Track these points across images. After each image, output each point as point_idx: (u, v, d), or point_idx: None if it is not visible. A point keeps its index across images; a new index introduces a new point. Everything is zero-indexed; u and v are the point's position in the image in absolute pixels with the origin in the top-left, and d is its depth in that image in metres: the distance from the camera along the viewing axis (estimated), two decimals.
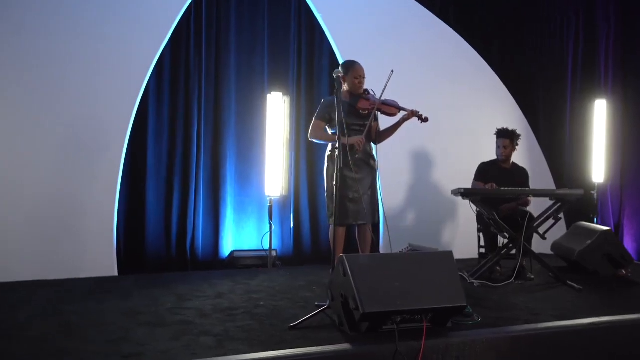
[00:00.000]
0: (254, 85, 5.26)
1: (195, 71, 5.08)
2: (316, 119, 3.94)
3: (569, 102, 6.33)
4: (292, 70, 5.40)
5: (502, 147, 4.66)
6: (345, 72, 3.83)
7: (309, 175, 5.42)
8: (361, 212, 3.88)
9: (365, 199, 3.89)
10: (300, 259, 5.34)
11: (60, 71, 4.42)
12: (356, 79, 3.86)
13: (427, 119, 3.89)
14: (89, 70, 4.50)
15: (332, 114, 3.81)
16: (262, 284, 4.12)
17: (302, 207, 5.41)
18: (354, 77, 3.87)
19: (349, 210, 3.86)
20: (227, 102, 5.19)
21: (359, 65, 3.90)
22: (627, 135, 5.81)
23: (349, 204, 3.86)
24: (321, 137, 3.95)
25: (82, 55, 4.49)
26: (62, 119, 4.40)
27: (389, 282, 2.78)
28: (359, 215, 3.89)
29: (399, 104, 3.95)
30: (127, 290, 3.88)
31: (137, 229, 4.91)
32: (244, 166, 5.24)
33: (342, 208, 3.83)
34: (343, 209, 3.83)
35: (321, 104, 3.98)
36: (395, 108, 3.91)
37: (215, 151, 5.17)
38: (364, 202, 3.88)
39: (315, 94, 5.46)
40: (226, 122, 5.18)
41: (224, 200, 5.16)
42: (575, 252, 4.48)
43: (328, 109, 3.87)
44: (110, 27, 4.59)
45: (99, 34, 4.55)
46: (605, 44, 6.17)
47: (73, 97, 4.45)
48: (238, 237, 5.21)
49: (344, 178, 3.81)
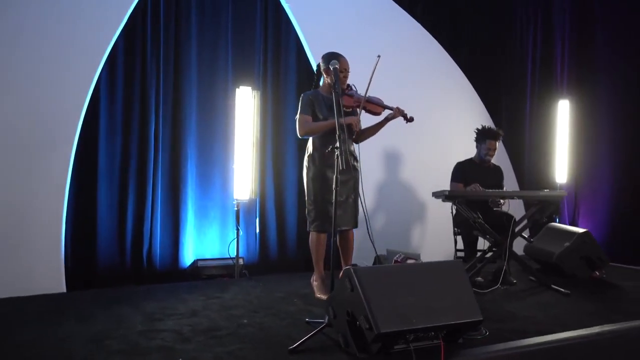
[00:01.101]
0: (217, 80, 4.86)
1: (152, 63, 4.61)
2: (301, 114, 3.61)
3: (528, 102, 6.37)
4: (257, 64, 5.04)
5: (491, 149, 4.51)
6: (328, 64, 3.53)
7: (275, 176, 5.09)
8: (345, 216, 3.61)
9: (349, 203, 3.62)
10: (267, 266, 5.00)
11: (1, 63, 3.86)
12: (341, 73, 3.54)
13: (412, 118, 3.68)
14: (33, 62, 3.96)
15: (315, 109, 3.56)
16: (237, 297, 3.75)
17: (267, 211, 5.06)
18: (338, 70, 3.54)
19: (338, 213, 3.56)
20: (188, 98, 4.75)
21: (343, 58, 3.57)
22: (581, 136, 5.87)
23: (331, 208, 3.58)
24: (315, 128, 3.56)
25: (25, 46, 3.94)
26: (3, 115, 3.84)
27: (402, 296, 2.52)
28: (343, 221, 3.61)
29: (384, 102, 3.70)
30: (84, 309, 3.39)
31: (88, 238, 4.39)
32: (206, 167, 4.83)
33: (326, 213, 3.55)
34: (326, 214, 3.55)
35: (302, 99, 3.66)
36: (380, 106, 3.66)
37: (174, 151, 4.72)
38: (348, 205, 3.61)
39: (282, 90, 5.13)
40: (187, 119, 4.74)
41: (185, 204, 4.72)
42: (554, 254, 4.41)
43: (311, 103, 3.59)
44: (56, 15, 4.06)
45: (44, 24, 4.01)
46: (561, 45, 6.25)
47: (15, 90, 3.90)
48: (200, 245, 4.78)
49: (326, 179, 3.54)
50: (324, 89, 3.67)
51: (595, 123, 5.76)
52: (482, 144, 4.57)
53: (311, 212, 3.63)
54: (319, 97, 3.63)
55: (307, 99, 3.61)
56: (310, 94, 3.65)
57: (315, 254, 3.66)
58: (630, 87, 5.47)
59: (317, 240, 3.63)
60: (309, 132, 3.58)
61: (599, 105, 5.75)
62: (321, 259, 3.71)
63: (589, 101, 5.81)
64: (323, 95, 3.64)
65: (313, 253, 3.68)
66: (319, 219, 3.59)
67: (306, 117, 3.58)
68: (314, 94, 3.66)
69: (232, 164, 4.80)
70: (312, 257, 3.72)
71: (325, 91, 3.65)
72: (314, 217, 3.61)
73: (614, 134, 5.57)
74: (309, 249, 5.10)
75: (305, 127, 3.57)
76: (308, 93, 3.67)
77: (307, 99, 3.61)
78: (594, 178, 5.74)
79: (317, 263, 3.70)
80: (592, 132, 5.79)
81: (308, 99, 3.61)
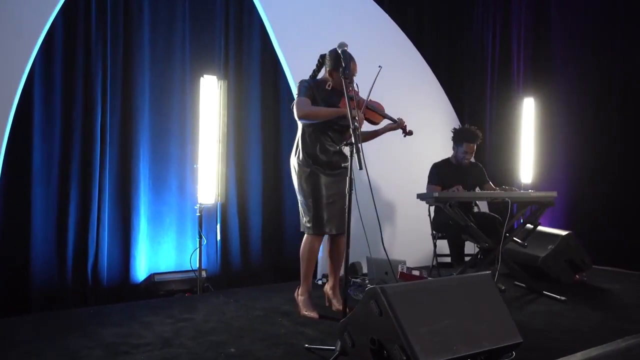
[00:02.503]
0: (173, 68, 4.28)
1: (97, 47, 3.96)
2: (300, 96, 3.15)
3: (488, 100, 6.24)
4: (219, 51, 4.50)
5: (468, 152, 4.25)
6: (334, 65, 3.11)
7: (238, 177, 4.58)
8: (338, 220, 3.20)
9: (339, 205, 3.21)
10: (230, 279, 4.47)
11: None
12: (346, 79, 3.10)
13: (412, 132, 3.30)
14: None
15: (316, 95, 3.15)
16: (210, 318, 3.23)
17: (230, 216, 4.54)
18: None
19: (329, 216, 3.17)
20: (140, 88, 4.14)
21: (353, 62, 3.08)
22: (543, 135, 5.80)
23: (328, 209, 3.16)
24: (318, 112, 3.10)
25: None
26: None
27: (438, 319, 2.15)
28: (335, 225, 3.20)
29: (385, 111, 3.31)
30: (24, 342, 2.75)
31: (19, 252, 3.69)
32: (161, 167, 4.24)
33: (321, 214, 3.15)
34: (322, 216, 3.15)
35: (301, 83, 3.20)
36: (380, 115, 3.25)
37: (124, 148, 4.09)
38: (341, 208, 3.20)
39: (245, 79, 4.64)
40: (139, 112, 4.13)
41: (136, 210, 4.10)
42: (539, 258, 4.22)
43: (312, 88, 3.17)
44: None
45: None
46: (517, 44, 6.19)
47: None
48: (155, 256, 4.19)
49: (319, 179, 3.16)
50: (324, 84, 3.24)
51: (556, 122, 5.69)
52: (459, 146, 4.30)
53: (305, 214, 3.21)
54: (320, 89, 3.21)
55: (308, 84, 3.18)
56: (310, 81, 3.23)
57: (307, 261, 3.23)
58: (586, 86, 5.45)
59: (310, 245, 3.21)
60: (310, 114, 3.10)
61: (558, 104, 5.69)
62: (312, 269, 3.29)
63: (551, 99, 5.74)
64: (324, 89, 3.22)
65: (304, 261, 3.24)
66: (314, 221, 3.16)
67: (306, 100, 3.12)
68: (315, 83, 3.24)
69: (191, 163, 4.25)
70: (301, 266, 3.28)
71: (326, 87, 3.24)
72: (309, 219, 3.18)
73: (571, 132, 5.51)
74: (275, 256, 4.71)
75: (305, 108, 3.09)
76: (308, 80, 3.25)
77: (308, 84, 3.18)
78: (555, 178, 5.66)
79: (307, 274, 3.27)
80: (551, 131, 5.73)
81: (309, 85, 3.18)
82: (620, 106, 5.20)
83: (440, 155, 4.52)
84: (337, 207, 3.17)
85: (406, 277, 3.69)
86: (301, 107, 3.10)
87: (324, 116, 3.11)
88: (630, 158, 5.06)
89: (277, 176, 4.80)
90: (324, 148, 3.17)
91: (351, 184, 2.54)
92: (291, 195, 4.86)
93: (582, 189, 5.40)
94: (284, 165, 4.83)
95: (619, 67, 5.25)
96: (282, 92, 4.81)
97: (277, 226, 4.78)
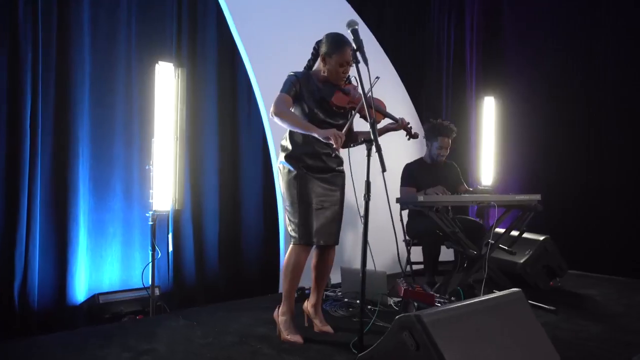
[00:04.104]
0: (115, 52, 3.68)
1: (26, 27, 3.29)
2: (282, 92, 2.74)
3: (444, 99, 6.06)
4: (170, 35, 3.94)
5: (444, 147, 4.00)
6: (328, 51, 2.74)
7: (192, 179, 4.04)
8: (328, 230, 2.80)
9: (330, 213, 2.82)
10: (184, 295, 3.93)
11: None
12: (341, 67, 2.75)
13: (417, 135, 2.92)
14: None
15: (302, 94, 2.75)
16: (177, 347, 2.72)
17: (183, 223, 4.00)
18: (339, 62, 2.74)
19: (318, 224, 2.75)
20: (80, 74, 3.50)
21: (348, 47, 2.68)
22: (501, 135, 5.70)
23: (317, 216, 2.76)
24: (291, 120, 2.69)
25: None
26: None
27: (480, 349, 1.81)
28: (324, 235, 2.80)
29: (385, 109, 2.90)
30: None
31: None
32: (104, 168, 3.63)
33: (310, 221, 2.73)
34: (311, 223, 2.73)
35: (288, 78, 2.79)
36: (380, 114, 2.82)
37: (59, 145, 3.44)
38: (332, 217, 2.81)
39: (199, 68, 4.11)
40: (77, 102, 3.49)
41: (74, 218, 3.47)
42: (518, 264, 4.03)
43: (297, 85, 2.75)
44: None
45: None
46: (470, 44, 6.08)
47: None
48: (97, 273, 3.57)
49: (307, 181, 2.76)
50: (318, 75, 2.84)
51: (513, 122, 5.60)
52: (433, 142, 4.05)
53: (292, 221, 2.77)
54: (310, 83, 2.80)
55: (294, 79, 2.77)
56: (300, 76, 2.80)
57: (291, 276, 2.77)
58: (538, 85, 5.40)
59: (297, 257, 2.75)
60: (283, 117, 2.68)
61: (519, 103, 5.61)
62: (296, 285, 2.84)
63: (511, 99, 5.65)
64: (315, 83, 2.81)
65: (287, 275, 2.79)
66: (302, 229, 2.73)
67: (286, 97, 2.72)
68: (305, 76, 2.81)
69: (139, 164, 3.69)
70: (283, 282, 2.84)
71: (319, 79, 2.84)
72: (295, 227, 2.75)
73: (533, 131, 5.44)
74: (233, 268, 4.21)
75: (281, 108, 2.69)
76: (297, 73, 2.81)
77: (294, 79, 2.77)
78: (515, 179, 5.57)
79: (290, 291, 2.83)
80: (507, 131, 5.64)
81: (295, 79, 2.77)
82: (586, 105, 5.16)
83: (401, 155, 4.26)
84: (326, 215, 2.78)
85: (413, 295, 3.19)
86: (277, 104, 2.70)
87: (297, 127, 2.70)
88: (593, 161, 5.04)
89: (235, 177, 4.32)
90: (314, 149, 2.76)
91: (369, 190, 2.15)
92: (250, 199, 4.40)
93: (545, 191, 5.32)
94: (242, 165, 4.36)
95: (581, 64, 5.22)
96: (239, 84, 4.33)
97: (235, 234, 4.30)
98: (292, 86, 2.73)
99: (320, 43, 2.81)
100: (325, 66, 2.78)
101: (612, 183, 4.90)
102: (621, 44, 5.01)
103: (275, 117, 2.70)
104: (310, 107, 2.76)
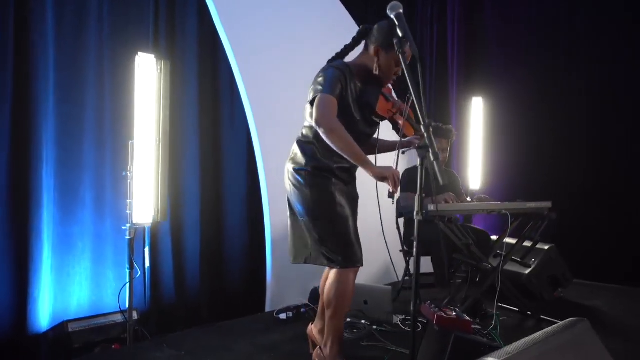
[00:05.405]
0: (84, 43, 3.20)
1: None
2: (326, 91, 2.12)
3: (427, 99, 5.82)
4: (147, 24, 3.49)
5: (442, 150, 3.72)
6: (387, 45, 2.20)
7: (172, 186, 3.59)
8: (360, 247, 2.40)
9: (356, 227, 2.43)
10: (163, 318, 3.50)
11: None
12: (397, 66, 2.25)
13: None
14: None
15: (347, 97, 2.21)
16: None
17: (161, 236, 3.56)
18: (396, 60, 2.22)
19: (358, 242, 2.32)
20: (42, 66, 3.01)
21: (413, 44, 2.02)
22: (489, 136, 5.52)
23: (355, 232, 2.33)
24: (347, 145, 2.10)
25: None
26: None
27: None
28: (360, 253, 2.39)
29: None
30: None
31: None
32: (71, 174, 3.14)
33: (353, 239, 2.29)
34: (350, 241, 2.27)
35: (327, 70, 2.20)
36: (414, 128, 2.42)
37: (19, 149, 2.94)
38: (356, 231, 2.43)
39: (177, 60, 3.65)
40: (39, 99, 3.00)
41: (37, 233, 2.97)
42: (523, 275, 3.80)
43: (344, 79, 2.19)
44: None
45: None
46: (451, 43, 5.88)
47: None
48: (62, 295, 3.09)
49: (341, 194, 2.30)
50: (359, 70, 2.28)
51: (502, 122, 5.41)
52: None
53: (327, 240, 2.24)
54: (351, 80, 2.24)
55: (339, 73, 2.16)
56: (342, 67, 2.21)
57: (342, 301, 2.28)
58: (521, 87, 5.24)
59: (346, 283, 2.26)
60: (334, 138, 2.10)
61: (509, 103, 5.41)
62: (345, 312, 2.40)
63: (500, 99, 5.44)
64: (355, 82, 2.26)
65: (338, 302, 2.27)
66: (346, 250, 2.25)
67: (332, 100, 2.12)
68: (347, 70, 2.23)
69: (112, 169, 3.24)
70: (333, 318, 2.32)
71: (360, 75, 2.28)
72: (336, 247, 2.24)
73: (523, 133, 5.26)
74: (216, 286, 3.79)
75: (332, 120, 2.09)
76: (337, 64, 2.23)
77: (339, 73, 2.16)
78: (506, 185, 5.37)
79: (341, 320, 2.35)
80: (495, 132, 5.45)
81: (340, 74, 2.17)
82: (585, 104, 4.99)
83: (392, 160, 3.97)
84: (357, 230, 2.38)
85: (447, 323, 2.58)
86: (325, 114, 2.07)
87: (346, 155, 2.13)
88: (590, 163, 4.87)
89: (217, 184, 3.91)
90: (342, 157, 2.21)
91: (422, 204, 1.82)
92: (234, 207, 4.00)
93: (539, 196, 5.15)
94: (225, 171, 3.95)
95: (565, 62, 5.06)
96: (222, 78, 3.92)
97: (218, 245, 3.88)
98: (337, 83, 2.13)
99: (369, 31, 2.30)
100: (378, 61, 2.25)
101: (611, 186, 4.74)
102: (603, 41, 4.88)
103: (323, 130, 2.09)
104: (358, 115, 2.23)
